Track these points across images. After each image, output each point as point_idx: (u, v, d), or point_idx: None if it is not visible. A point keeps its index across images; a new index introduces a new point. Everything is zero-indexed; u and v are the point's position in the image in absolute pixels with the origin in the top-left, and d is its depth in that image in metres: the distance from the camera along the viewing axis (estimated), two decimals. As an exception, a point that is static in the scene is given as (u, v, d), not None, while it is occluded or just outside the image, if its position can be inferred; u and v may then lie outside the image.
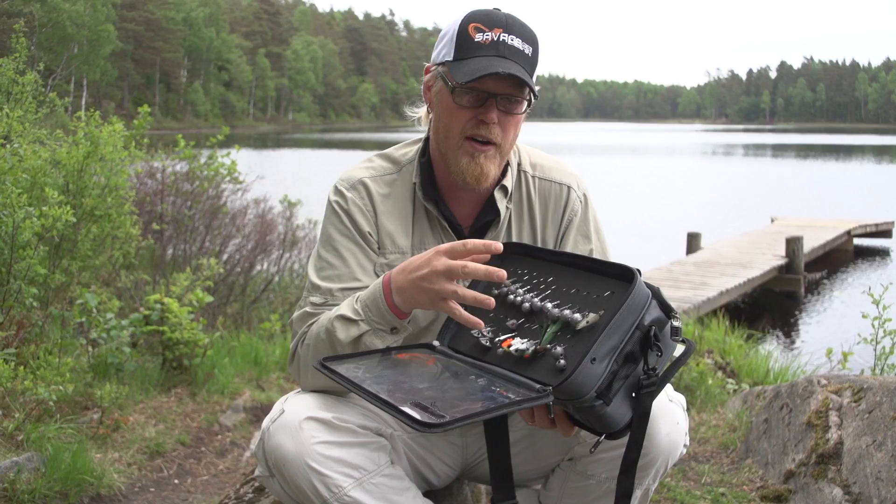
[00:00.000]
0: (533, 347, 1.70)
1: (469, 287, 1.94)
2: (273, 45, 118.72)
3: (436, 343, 1.90)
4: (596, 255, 2.12)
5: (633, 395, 1.65)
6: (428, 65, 2.04)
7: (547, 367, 1.66)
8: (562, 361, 1.64)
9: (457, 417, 1.49)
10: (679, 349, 1.72)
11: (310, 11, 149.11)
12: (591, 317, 1.67)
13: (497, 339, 1.80)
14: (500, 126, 1.95)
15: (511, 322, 1.82)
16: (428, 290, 1.76)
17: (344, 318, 1.88)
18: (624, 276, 1.71)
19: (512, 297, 1.84)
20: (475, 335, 1.84)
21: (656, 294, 1.68)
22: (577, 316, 1.68)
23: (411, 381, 1.72)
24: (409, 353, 1.88)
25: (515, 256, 1.95)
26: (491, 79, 1.90)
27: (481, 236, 2.09)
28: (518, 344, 1.74)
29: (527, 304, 1.80)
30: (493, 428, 1.90)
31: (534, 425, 1.75)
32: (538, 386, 1.61)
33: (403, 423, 1.50)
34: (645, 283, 1.67)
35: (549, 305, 1.75)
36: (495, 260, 1.96)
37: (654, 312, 1.66)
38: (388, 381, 1.70)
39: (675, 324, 1.68)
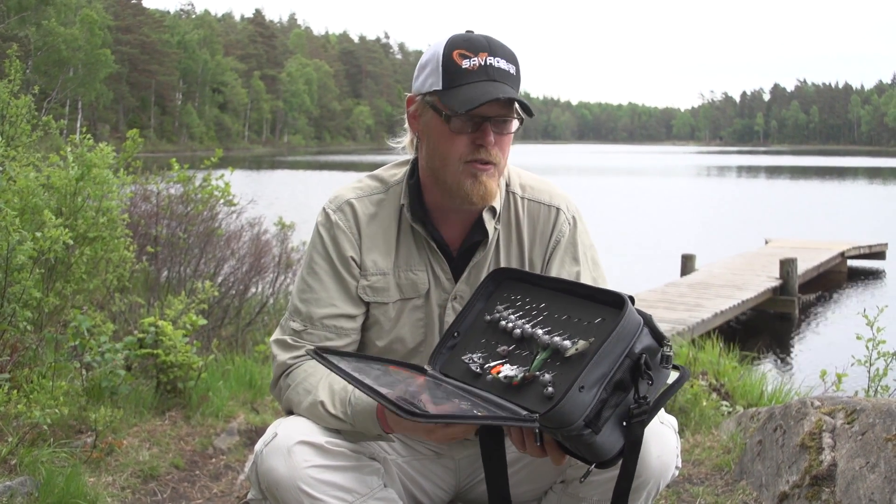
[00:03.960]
0: (521, 374, 1.70)
1: (462, 310, 1.96)
2: (268, 67, 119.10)
3: (427, 367, 1.91)
4: (584, 278, 2.12)
5: (624, 423, 1.63)
6: (410, 95, 2.05)
7: (535, 395, 1.66)
8: (549, 389, 1.63)
9: (437, 413, 1.53)
10: (673, 376, 1.70)
11: (305, 34, 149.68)
12: (581, 344, 1.65)
13: (487, 365, 1.80)
14: (497, 146, 1.97)
15: (502, 348, 1.82)
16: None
17: (330, 414, 1.91)
18: (615, 302, 1.70)
19: (504, 322, 1.85)
20: (466, 361, 1.84)
21: (648, 322, 1.66)
22: (567, 343, 1.68)
23: (405, 386, 1.75)
24: (402, 368, 1.90)
25: (510, 282, 1.95)
26: (488, 104, 1.91)
27: (469, 257, 2.10)
28: (507, 371, 1.73)
29: (518, 331, 1.80)
30: (490, 450, 1.89)
31: (525, 453, 1.74)
32: (524, 412, 1.61)
33: (388, 409, 1.54)
34: (637, 310, 1.66)
35: (540, 332, 1.75)
36: (490, 285, 1.97)
37: (646, 340, 1.64)
38: (382, 383, 1.71)
39: (667, 352, 1.66)
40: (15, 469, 3.47)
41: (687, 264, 16.61)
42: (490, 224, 2.09)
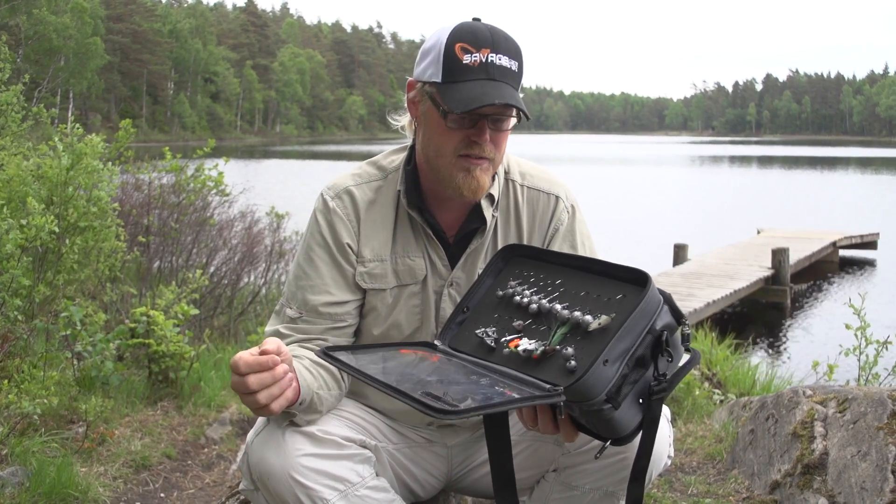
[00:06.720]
0: (542, 348, 1.68)
1: (472, 286, 1.94)
2: (260, 57, 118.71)
3: (437, 342, 1.89)
4: None
5: (640, 400, 1.63)
6: (411, 79, 2.03)
7: (556, 368, 1.64)
8: (572, 362, 1.61)
9: (471, 406, 1.47)
10: (684, 358, 1.71)
11: (297, 24, 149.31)
12: (604, 318, 1.64)
13: (503, 339, 1.78)
14: (492, 142, 1.95)
15: (517, 323, 1.79)
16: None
17: None
18: (637, 279, 1.70)
19: (518, 298, 1.82)
20: (479, 335, 1.82)
21: (668, 300, 1.67)
22: (589, 317, 1.66)
23: (418, 373, 1.71)
24: (412, 349, 1.86)
25: (522, 259, 1.94)
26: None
27: (466, 244, 2.09)
28: (526, 344, 1.71)
29: (534, 306, 1.78)
30: (494, 431, 1.83)
31: (536, 430, 1.71)
32: (548, 386, 1.58)
33: (417, 410, 1.45)
34: (657, 288, 1.66)
35: (559, 307, 1.73)
36: (500, 262, 1.95)
37: (666, 318, 1.65)
38: (395, 373, 1.69)
39: (686, 330, 1.67)
40: (6, 459, 3.46)
41: (679, 254, 16.65)
42: (488, 211, 2.08)
